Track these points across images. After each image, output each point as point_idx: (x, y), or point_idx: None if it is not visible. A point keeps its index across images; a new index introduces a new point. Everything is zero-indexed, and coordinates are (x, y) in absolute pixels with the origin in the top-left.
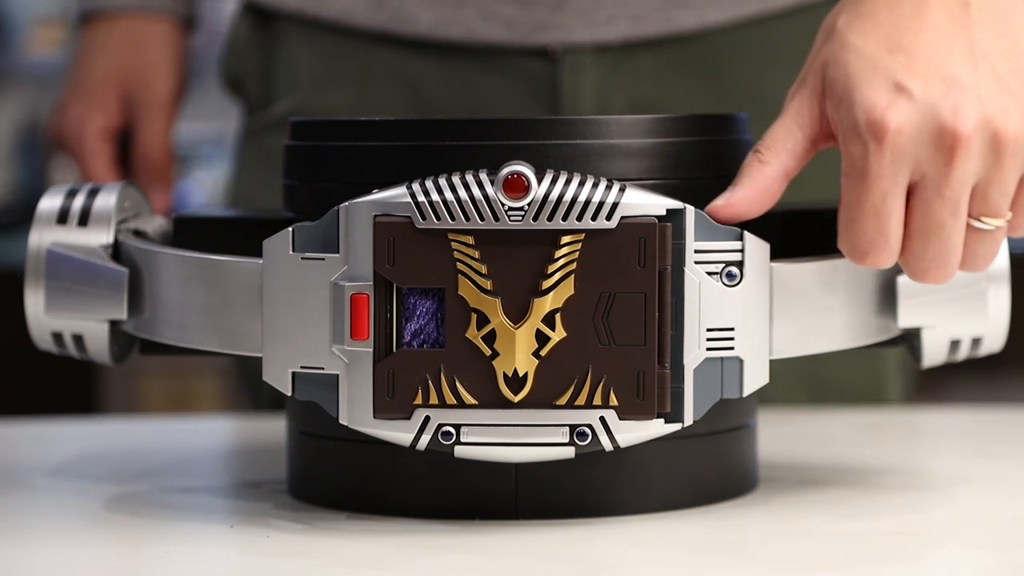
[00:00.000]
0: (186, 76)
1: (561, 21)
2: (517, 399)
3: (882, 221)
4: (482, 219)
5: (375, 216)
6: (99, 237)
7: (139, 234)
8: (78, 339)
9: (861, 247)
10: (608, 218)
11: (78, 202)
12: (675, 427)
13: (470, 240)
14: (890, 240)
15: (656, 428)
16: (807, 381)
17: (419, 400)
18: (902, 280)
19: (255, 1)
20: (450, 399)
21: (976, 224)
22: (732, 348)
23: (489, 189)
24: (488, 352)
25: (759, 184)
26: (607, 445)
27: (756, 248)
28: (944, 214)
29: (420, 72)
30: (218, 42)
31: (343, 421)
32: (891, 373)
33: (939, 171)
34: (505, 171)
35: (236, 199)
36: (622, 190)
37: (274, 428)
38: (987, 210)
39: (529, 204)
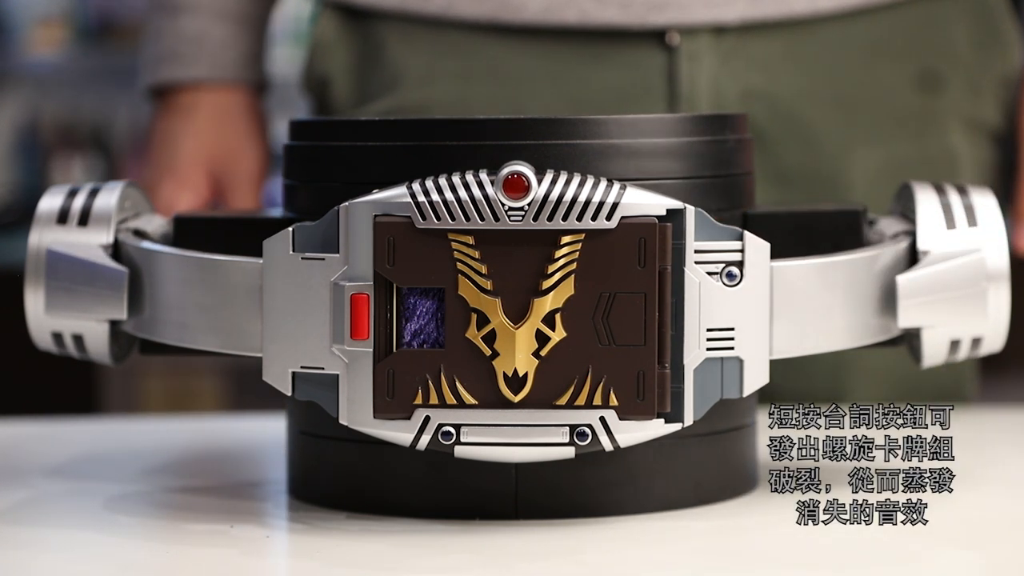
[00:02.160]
0: (269, 144)
1: (679, 0)
2: (517, 399)
3: None
4: (482, 219)
5: (375, 216)
6: (99, 237)
7: (139, 234)
8: (78, 339)
9: None
10: (608, 218)
11: (78, 202)
12: (675, 427)
13: (470, 240)
14: None
15: (656, 428)
16: (894, 381)
17: (419, 400)
18: (902, 280)
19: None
20: (450, 399)
21: None
22: (732, 348)
23: (489, 189)
24: (488, 352)
25: None
26: (607, 445)
27: (756, 248)
28: None
29: (524, 68)
30: None
31: (343, 421)
32: (968, 373)
33: None
34: (505, 171)
35: None
36: (622, 190)
37: (274, 428)
38: None
39: (529, 204)
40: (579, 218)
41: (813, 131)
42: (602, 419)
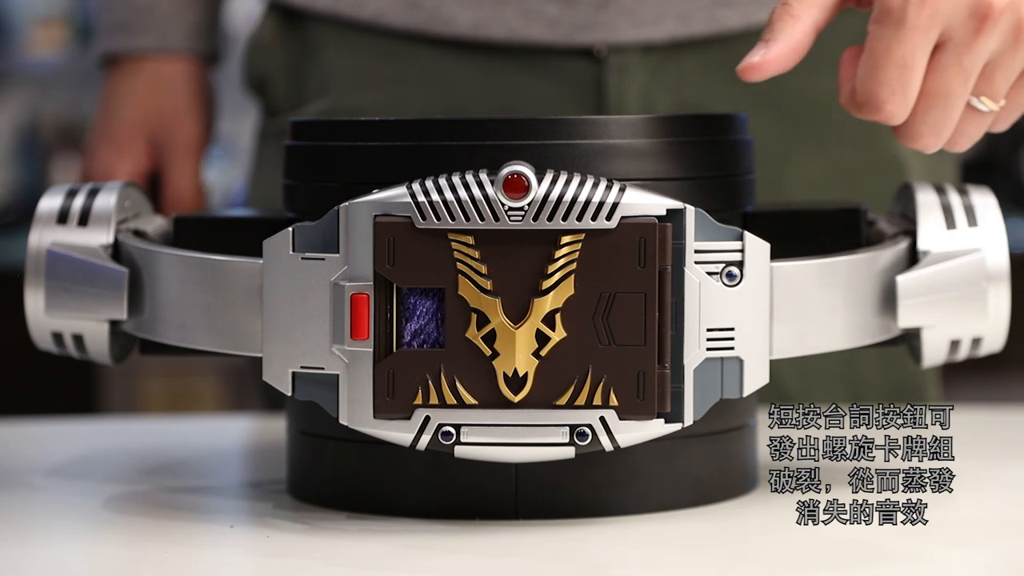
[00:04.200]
0: (213, 114)
1: (606, 20)
2: (517, 399)
3: (906, 74)
4: (482, 219)
5: (375, 216)
6: (99, 237)
7: (139, 234)
8: (78, 339)
9: (881, 96)
10: (608, 218)
11: (78, 202)
12: (675, 427)
13: (470, 240)
14: (908, 94)
15: (656, 428)
16: (848, 381)
17: (419, 400)
18: (902, 280)
19: (283, 1)
20: (450, 399)
21: (974, 102)
22: (732, 348)
23: (489, 189)
24: (488, 352)
25: (792, 39)
26: (607, 445)
27: (756, 248)
28: (956, 82)
29: (457, 74)
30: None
31: (343, 421)
32: (930, 373)
33: (965, 38)
34: (505, 171)
35: (255, 200)
36: (622, 190)
37: (274, 428)
38: (988, 91)
39: (529, 204)
40: (579, 218)
41: None
42: (602, 419)
